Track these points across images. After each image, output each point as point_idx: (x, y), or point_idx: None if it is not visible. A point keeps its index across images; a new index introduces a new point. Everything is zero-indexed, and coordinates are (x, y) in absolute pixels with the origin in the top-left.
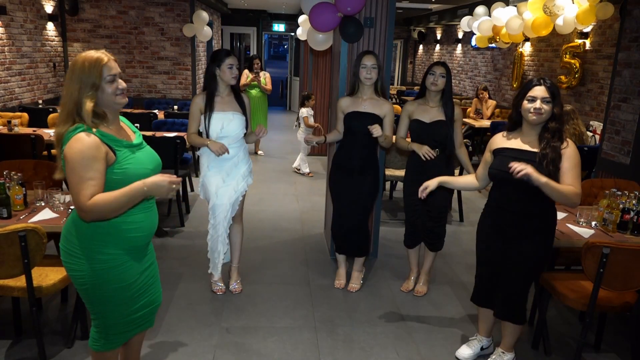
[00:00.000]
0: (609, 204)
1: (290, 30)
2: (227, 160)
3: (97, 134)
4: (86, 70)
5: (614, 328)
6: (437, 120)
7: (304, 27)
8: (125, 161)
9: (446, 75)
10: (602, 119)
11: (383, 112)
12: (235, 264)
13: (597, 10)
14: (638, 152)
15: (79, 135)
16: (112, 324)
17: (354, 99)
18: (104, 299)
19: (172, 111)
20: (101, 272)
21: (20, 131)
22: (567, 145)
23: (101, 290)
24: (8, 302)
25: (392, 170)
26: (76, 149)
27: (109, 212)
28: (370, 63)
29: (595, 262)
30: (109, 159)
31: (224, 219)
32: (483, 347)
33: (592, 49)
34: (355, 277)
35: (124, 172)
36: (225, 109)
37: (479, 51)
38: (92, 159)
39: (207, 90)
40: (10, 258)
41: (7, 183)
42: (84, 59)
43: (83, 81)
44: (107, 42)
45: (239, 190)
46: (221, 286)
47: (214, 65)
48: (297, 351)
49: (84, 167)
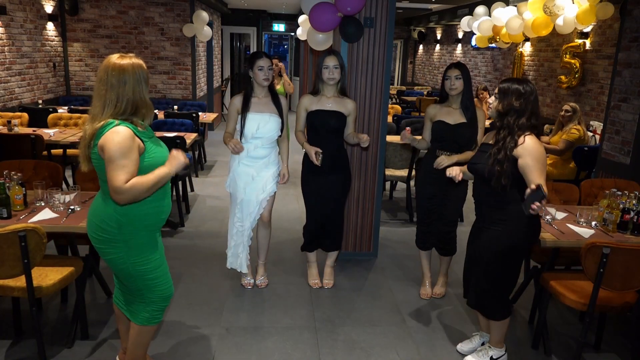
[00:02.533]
0: (609, 204)
1: (290, 30)
2: (259, 159)
3: (131, 127)
4: (140, 73)
5: (614, 328)
6: (461, 122)
7: (304, 27)
8: (152, 150)
9: (462, 76)
10: (602, 119)
11: (348, 110)
12: (262, 261)
13: (597, 10)
14: (638, 152)
15: (117, 128)
16: (155, 297)
17: (317, 98)
18: (144, 274)
19: (172, 111)
20: (137, 251)
21: (20, 131)
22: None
23: (139, 266)
24: (8, 302)
25: (392, 171)
26: (116, 140)
27: (142, 193)
28: (332, 64)
29: (595, 262)
30: (140, 149)
31: (251, 213)
32: (485, 343)
33: (592, 49)
34: (328, 273)
35: (152, 159)
36: (262, 110)
37: (479, 51)
38: (129, 149)
39: (245, 91)
40: (10, 258)
41: (7, 183)
42: (132, 64)
43: (139, 81)
44: (107, 42)
45: (267, 191)
46: (250, 280)
47: (248, 68)
48: (297, 351)
49: (123, 155)
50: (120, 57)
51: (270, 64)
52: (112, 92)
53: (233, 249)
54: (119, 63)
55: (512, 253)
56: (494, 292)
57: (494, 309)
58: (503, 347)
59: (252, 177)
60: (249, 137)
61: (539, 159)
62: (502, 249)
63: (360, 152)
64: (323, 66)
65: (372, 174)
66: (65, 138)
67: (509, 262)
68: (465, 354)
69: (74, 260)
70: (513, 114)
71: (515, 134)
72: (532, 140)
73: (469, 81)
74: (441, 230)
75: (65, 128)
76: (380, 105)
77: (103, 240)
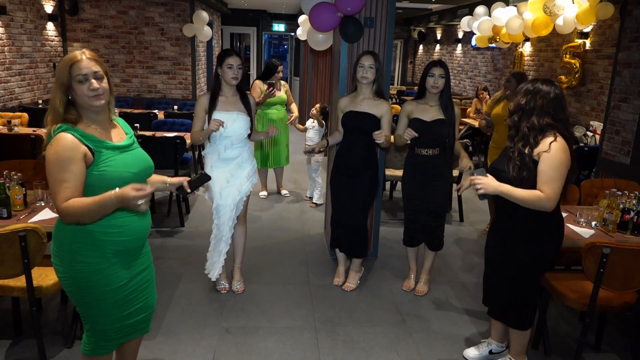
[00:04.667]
0: (609, 204)
1: (290, 30)
2: (231, 160)
3: (76, 133)
4: (60, 70)
5: (614, 328)
6: (437, 119)
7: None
8: (104, 163)
9: (445, 75)
10: (602, 119)
11: (380, 112)
12: (238, 264)
13: (597, 10)
14: (638, 152)
15: (58, 135)
16: (102, 329)
17: (352, 99)
18: (90, 303)
19: (172, 111)
20: (83, 275)
21: (20, 131)
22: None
23: (85, 293)
24: (8, 302)
25: (392, 170)
26: (52, 150)
27: (81, 218)
28: (367, 63)
29: (595, 262)
30: (87, 160)
31: (229, 219)
32: (492, 352)
33: (592, 49)
34: (352, 276)
35: (101, 174)
36: (229, 109)
37: (479, 51)
38: (67, 161)
39: (212, 89)
40: (10, 258)
41: (7, 183)
42: (62, 59)
43: (58, 80)
44: (107, 42)
45: (243, 191)
46: (225, 285)
47: (217, 65)
48: (297, 351)
49: (60, 169)
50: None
51: (240, 63)
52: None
53: (210, 254)
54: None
55: (539, 262)
56: (520, 301)
57: (519, 318)
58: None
59: (227, 180)
60: (217, 137)
61: (556, 167)
62: (530, 260)
63: None
64: (359, 65)
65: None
66: None
67: (536, 271)
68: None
69: None
70: (519, 112)
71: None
72: (556, 146)
73: (449, 81)
74: (429, 225)
75: None
76: None
77: (55, 254)
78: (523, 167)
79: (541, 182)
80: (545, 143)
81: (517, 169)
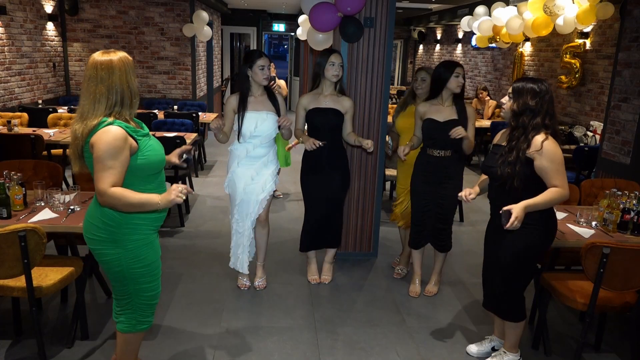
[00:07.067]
0: (609, 204)
1: (290, 30)
2: (258, 159)
3: (122, 126)
4: (127, 63)
5: (614, 328)
6: (451, 119)
7: (304, 27)
8: (146, 149)
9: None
10: (602, 119)
11: (344, 108)
12: (260, 262)
13: (597, 10)
14: (638, 152)
15: (108, 127)
16: (144, 304)
17: (314, 96)
18: (138, 279)
19: (172, 111)
20: (136, 250)
21: (20, 131)
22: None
23: (136, 267)
24: (8, 302)
25: (392, 171)
26: (106, 140)
27: (120, 207)
28: (338, 61)
29: (595, 262)
30: (133, 148)
31: (249, 214)
32: (495, 348)
33: (592, 49)
34: (326, 269)
35: (146, 158)
36: (259, 109)
37: (479, 51)
38: (118, 150)
39: (241, 90)
40: (10, 258)
41: (7, 183)
42: (119, 56)
43: (127, 71)
44: (107, 42)
45: (267, 190)
46: (246, 282)
47: (246, 66)
48: (297, 351)
49: (110, 157)
50: (105, 53)
51: (269, 63)
52: (103, 85)
53: (233, 250)
54: (106, 57)
55: (529, 254)
56: (510, 293)
57: (510, 310)
58: (518, 352)
59: (252, 177)
60: (247, 137)
61: (557, 161)
62: (520, 251)
63: (360, 152)
64: (329, 63)
65: (372, 174)
66: (65, 138)
67: (525, 263)
68: (474, 355)
69: (73, 260)
70: (529, 114)
71: (528, 134)
72: (549, 143)
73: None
74: (436, 228)
75: (65, 128)
76: (380, 105)
77: (99, 240)
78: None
79: (550, 177)
80: (537, 141)
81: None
